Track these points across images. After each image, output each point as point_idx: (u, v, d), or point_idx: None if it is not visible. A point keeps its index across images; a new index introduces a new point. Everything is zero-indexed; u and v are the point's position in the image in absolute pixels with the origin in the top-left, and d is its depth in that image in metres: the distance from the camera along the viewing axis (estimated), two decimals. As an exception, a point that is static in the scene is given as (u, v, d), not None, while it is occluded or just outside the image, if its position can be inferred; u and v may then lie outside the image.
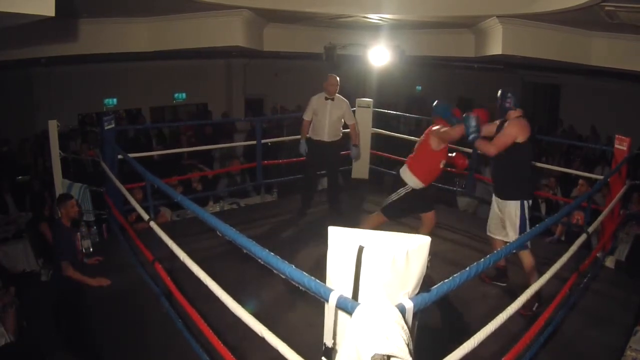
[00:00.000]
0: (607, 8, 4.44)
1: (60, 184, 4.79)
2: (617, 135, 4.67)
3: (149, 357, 3.11)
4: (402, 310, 1.35)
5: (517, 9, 5.49)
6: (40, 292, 4.20)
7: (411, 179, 3.96)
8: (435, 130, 3.88)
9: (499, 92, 3.66)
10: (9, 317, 3.56)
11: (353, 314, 1.30)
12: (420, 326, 1.58)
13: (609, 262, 4.53)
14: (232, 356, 2.32)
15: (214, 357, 2.66)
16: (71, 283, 3.86)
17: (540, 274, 2.73)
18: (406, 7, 5.90)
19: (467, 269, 1.70)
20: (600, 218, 3.72)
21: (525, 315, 3.35)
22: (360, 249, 1.36)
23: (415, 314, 1.43)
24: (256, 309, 2.08)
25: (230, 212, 6.18)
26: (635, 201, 5.77)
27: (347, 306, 1.36)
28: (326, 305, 1.45)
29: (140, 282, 3.73)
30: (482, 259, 1.79)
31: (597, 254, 4.20)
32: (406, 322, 1.32)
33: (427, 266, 1.47)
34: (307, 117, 5.27)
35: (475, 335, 1.83)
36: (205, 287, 2.24)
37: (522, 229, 3.61)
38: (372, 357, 1.18)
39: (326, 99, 5.17)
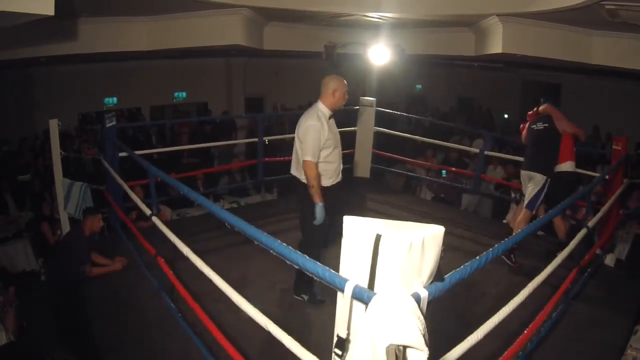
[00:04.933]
0: (607, 7, 4.43)
1: (60, 183, 4.79)
2: (614, 137, 4.74)
3: (150, 354, 3.10)
4: (417, 299, 1.34)
5: (517, 8, 5.48)
6: (40, 292, 4.20)
7: None
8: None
9: None
10: (9, 317, 3.55)
11: (369, 304, 1.29)
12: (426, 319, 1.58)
13: (609, 261, 4.54)
14: (235, 351, 2.32)
15: (216, 351, 2.66)
16: (70, 283, 3.86)
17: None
18: (406, 5, 5.89)
19: (478, 257, 1.70)
20: (600, 213, 3.75)
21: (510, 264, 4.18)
22: (378, 237, 1.34)
23: (429, 303, 1.42)
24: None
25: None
26: (635, 198, 5.77)
27: (363, 296, 1.35)
28: (340, 296, 1.43)
29: (142, 280, 3.73)
30: (491, 249, 1.79)
31: (597, 251, 4.22)
32: (421, 312, 1.31)
33: (441, 256, 1.46)
34: (315, 157, 3.23)
35: (475, 332, 1.83)
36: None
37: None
38: (386, 348, 1.17)
39: (331, 116, 3.40)
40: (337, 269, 1.51)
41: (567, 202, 3.02)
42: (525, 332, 2.50)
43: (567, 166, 4.40)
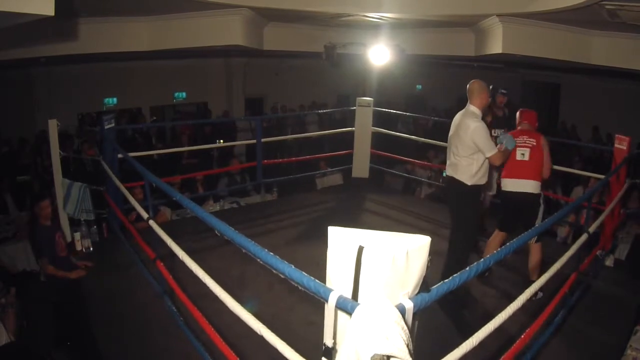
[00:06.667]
0: (607, 7, 4.43)
1: (60, 184, 4.79)
2: (617, 135, 4.67)
3: (150, 356, 3.11)
4: (401, 310, 1.34)
5: (517, 8, 5.48)
6: (40, 292, 4.20)
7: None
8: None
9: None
10: (9, 317, 3.56)
11: (353, 314, 1.30)
12: (420, 326, 1.58)
13: (609, 262, 4.53)
14: (233, 354, 2.32)
15: (215, 355, 2.66)
16: (70, 282, 3.87)
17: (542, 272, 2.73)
18: (406, 6, 5.89)
19: (467, 268, 1.70)
20: (601, 218, 3.72)
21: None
22: (360, 249, 1.35)
23: (415, 314, 1.43)
24: (256, 308, 2.09)
25: (230, 211, 6.17)
26: (635, 199, 5.76)
27: (346, 306, 1.36)
28: (326, 305, 1.45)
29: (141, 281, 3.74)
30: (482, 259, 1.79)
31: (597, 253, 4.21)
32: (406, 322, 1.32)
33: (428, 266, 1.47)
34: (493, 149, 3.50)
35: (474, 335, 1.83)
36: (206, 285, 2.24)
37: None
38: (371, 358, 1.17)
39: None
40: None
41: (532, 231, 2.46)
42: (524, 335, 2.49)
43: (503, 184, 3.91)
